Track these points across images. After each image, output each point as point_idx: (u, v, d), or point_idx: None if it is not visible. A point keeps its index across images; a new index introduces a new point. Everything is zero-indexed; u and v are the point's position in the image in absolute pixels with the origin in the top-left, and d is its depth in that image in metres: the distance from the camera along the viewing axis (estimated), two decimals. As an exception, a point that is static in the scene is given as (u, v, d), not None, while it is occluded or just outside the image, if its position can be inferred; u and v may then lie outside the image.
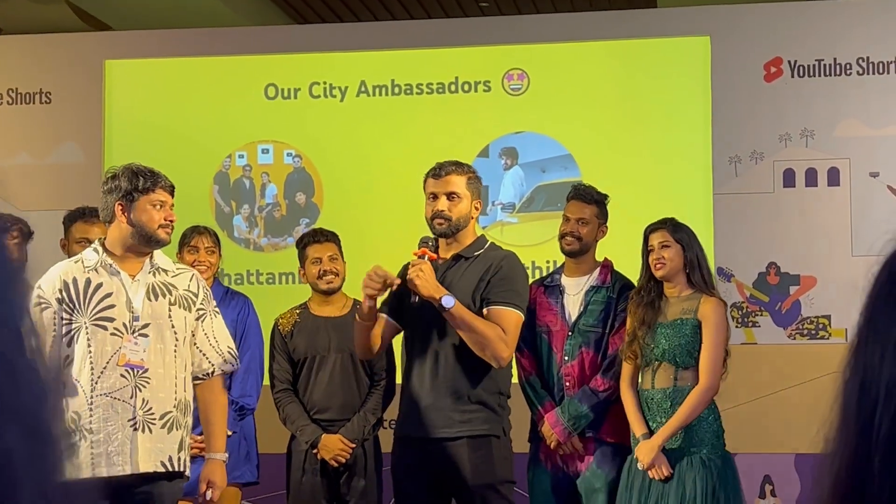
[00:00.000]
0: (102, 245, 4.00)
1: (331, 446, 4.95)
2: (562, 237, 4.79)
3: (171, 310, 3.97)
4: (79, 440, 3.77)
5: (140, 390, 3.86)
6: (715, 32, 6.55)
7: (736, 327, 6.18)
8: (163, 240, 3.99)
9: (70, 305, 3.87)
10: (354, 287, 5.03)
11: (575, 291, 4.76)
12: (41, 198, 6.71)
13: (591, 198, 4.80)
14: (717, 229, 6.39)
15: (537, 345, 4.74)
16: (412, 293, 4.03)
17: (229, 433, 5.01)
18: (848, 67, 6.42)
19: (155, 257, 4.03)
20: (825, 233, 6.34)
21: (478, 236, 4.34)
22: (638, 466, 4.44)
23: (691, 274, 4.55)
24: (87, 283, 3.91)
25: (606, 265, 4.80)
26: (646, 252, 4.61)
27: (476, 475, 4.08)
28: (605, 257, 4.84)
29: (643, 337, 4.48)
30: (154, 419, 3.88)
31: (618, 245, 5.04)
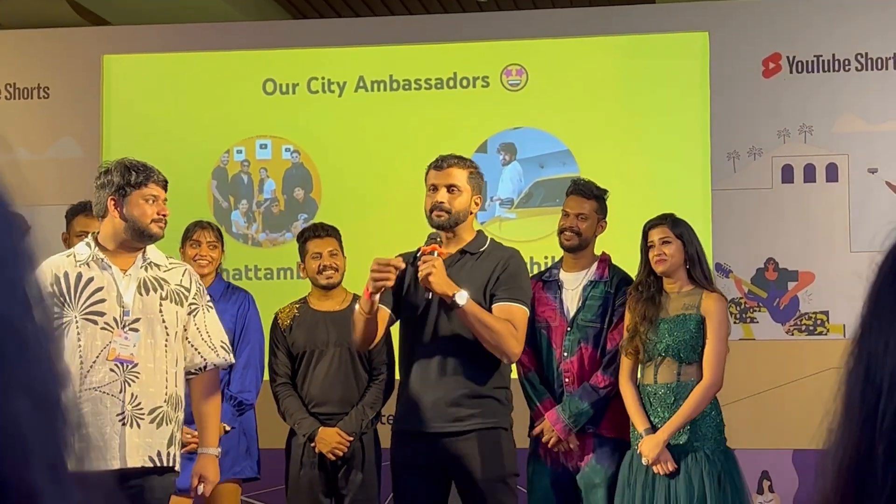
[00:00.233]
0: (95, 239, 3.99)
1: (328, 439, 4.94)
2: (561, 232, 4.79)
3: (163, 304, 3.96)
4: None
5: (129, 385, 3.85)
6: (713, 28, 6.55)
7: (734, 323, 6.18)
8: (156, 234, 3.98)
9: (61, 299, 3.85)
10: (354, 282, 5.04)
11: (573, 286, 4.75)
12: (39, 193, 6.70)
13: (591, 193, 4.80)
14: (716, 225, 6.38)
15: (536, 340, 4.74)
16: (424, 289, 3.99)
17: (228, 428, 5.01)
18: (846, 63, 6.42)
19: (148, 252, 4.02)
20: (823, 229, 6.34)
21: (477, 231, 4.34)
22: (642, 461, 4.44)
23: (692, 269, 4.56)
24: (79, 278, 3.89)
25: (604, 259, 4.80)
26: (645, 248, 4.61)
27: (486, 468, 4.08)
28: (603, 251, 4.83)
29: (645, 332, 4.47)
30: (143, 414, 3.86)
31: (616, 241, 5.03)
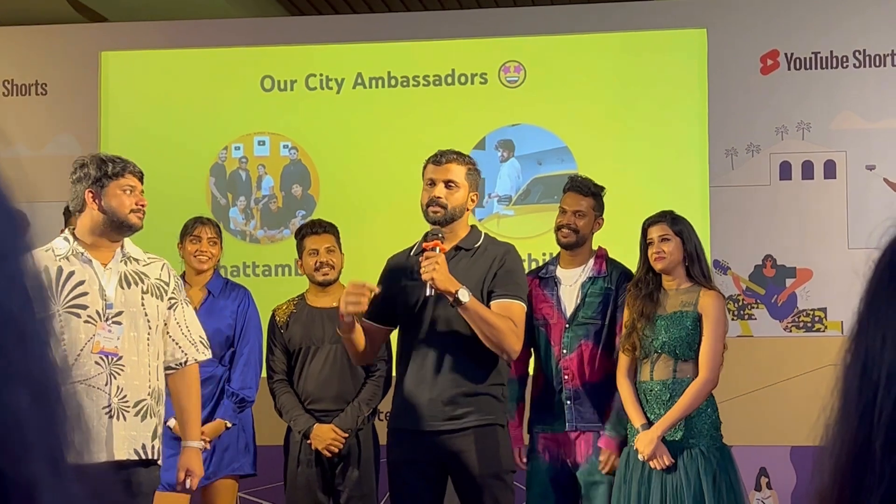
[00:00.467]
0: (73, 234, 3.98)
1: (323, 436, 4.94)
2: (558, 229, 4.78)
3: (144, 298, 3.96)
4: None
5: (115, 378, 3.85)
6: (711, 24, 6.54)
7: (732, 320, 6.18)
8: (134, 224, 3.96)
9: None
10: (351, 278, 5.03)
11: (570, 283, 4.75)
12: (37, 189, 6.68)
13: (588, 190, 4.79)
14: (714, 222, 6.38)
15: (535, 337, 4.73)
16: (426, 286, 3.97)
17: (229, 425, 5.02)
18: (845, 60, 6.42)
19: (125, 246, 4.01)
20: (821, 225, 6.34)
21: (471, 227, 4.32)
22: (638, 457, 4.45)
23: (690, 267, 4.56)
24: (59, 272, 3.88)
25: (601, 254, 4.79)
26: (644, 245, 4.61)
27: (483, 464, 4.08)
28: (600, 246, 4.82)
29: (642, 329, 4.48)
30: (128, 407, 3.86)
31: (614, 237, 5.03)
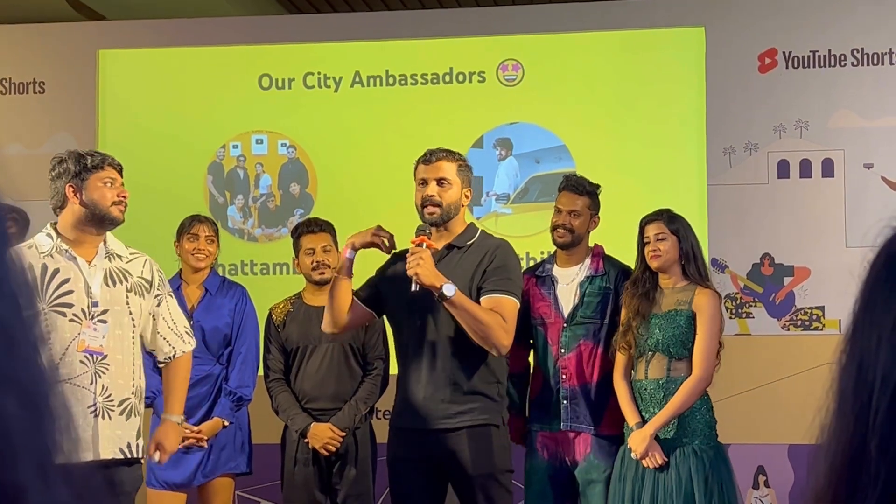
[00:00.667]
0: (55, 229, 3.96)
1: (320, 435, 4.93)
2: (553, 229, 4.77)
3: (129, 297, 3.95)
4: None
5: (100, 377, 3.84)
6: (709, 23, 6.55)
7: (730, 318, 6.19)
8: (116, 218, 3.94)
9: None
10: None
11: (567, 282, 4.74)
12: (35, 188, 6.68)
13: (583, 189, 4.78)
14: (712, 220, 6.39)
15: (533, 336, 4.73)
16: (412, 282, 3.96)
17: (226, 424, 5.02)
18: (842, 58, 6.42)
19: (108, 241, 3.99)
20: (819, 224, 6.35)
21: (468, 224, 4.31)
22: (631, 456, 4.45)
23: (686, 265, 4.56)
24: (44, 269, 3.85)
25: (598, 252, 4.78)
26: (641, 243, 4.61)
27: (476, 464, 4.06)
28: (596, 244, 4.81)
29: (637, 327, 4.48)
30: (113, 405, 3.86)
31: (612, 236, 5.03)
